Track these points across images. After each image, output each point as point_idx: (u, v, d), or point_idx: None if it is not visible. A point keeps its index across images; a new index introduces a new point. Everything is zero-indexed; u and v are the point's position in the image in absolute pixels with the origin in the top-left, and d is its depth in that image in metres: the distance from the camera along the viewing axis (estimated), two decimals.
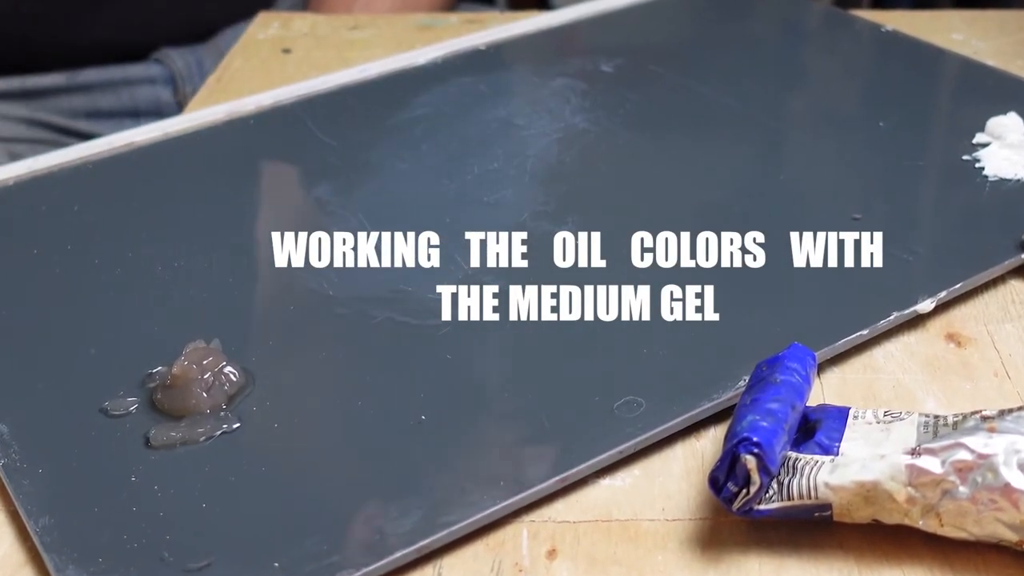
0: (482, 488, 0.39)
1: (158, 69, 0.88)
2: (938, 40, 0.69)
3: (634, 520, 0.39)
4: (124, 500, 0.39)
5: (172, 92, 0.88)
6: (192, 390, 0.42)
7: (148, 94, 0.88)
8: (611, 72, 0.67)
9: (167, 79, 0.88)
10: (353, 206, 0.55)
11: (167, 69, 0.88)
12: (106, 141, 0.61)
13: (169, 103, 0.88)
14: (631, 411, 0.42)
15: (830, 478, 0.37)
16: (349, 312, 0.48)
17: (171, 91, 0.88)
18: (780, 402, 0.38)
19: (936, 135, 0.60)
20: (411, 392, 0.43)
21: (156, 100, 0.88)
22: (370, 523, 0.38)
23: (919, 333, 0.47)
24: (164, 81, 0.88)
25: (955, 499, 0.36)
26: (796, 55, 0.70)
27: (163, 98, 0.88)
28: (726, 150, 0.59)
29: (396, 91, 0.66)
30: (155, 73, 0.88)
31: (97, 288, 0.50)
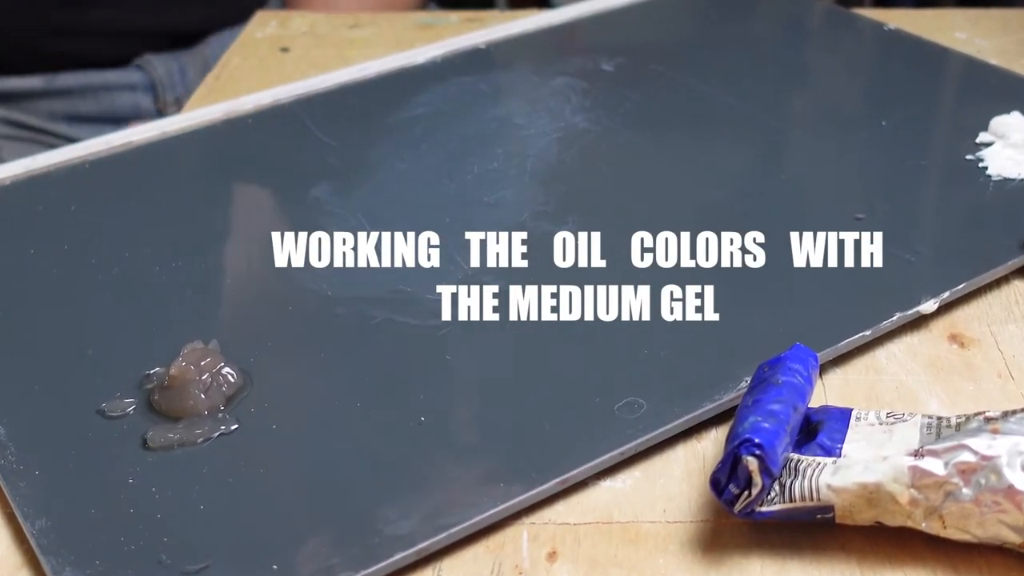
0: (482, 490, 0.39)
1: (138, 75, 0.87)
2: (941, 39, 0.69)
3: (635, 522, 0.39)
4: (121, 502, 0.39)
5: (152, 99, 0.88)
6: (190, 391, 0.43)
7: (128, 100, 0.87)
8: (612, 71, 0.67)
9: (147, 86, 0.87)
10: (352, 206, 0.55)
11: (147, 76, 0.87)
12: (104, 140, 0.62)
13: (149, 110, 0.88)
14: (632, 412, 0.42)
15: (832, 480, 0.37)
16: (348, 313, 0.48)
17: (151, 98, 0.88)
18: (782, 403, 0.38)
19: (939, 134, 0.60)
20: (410, 393, 0.44)
21: (136, 106, 0.88)
22: (369, 525, 0.38)
23: (922, 334, 0.47)
24: (144, 88, 0.87)
25: (958, 501, 0.36)
26: (798, 54, 0.70)
27: (143, 104, 0.88)
28: (727, 149, 0.59)
29: (395, 90, 0.66)
30: (135, 79, 0.87)
31: (94, 289, 0.50)
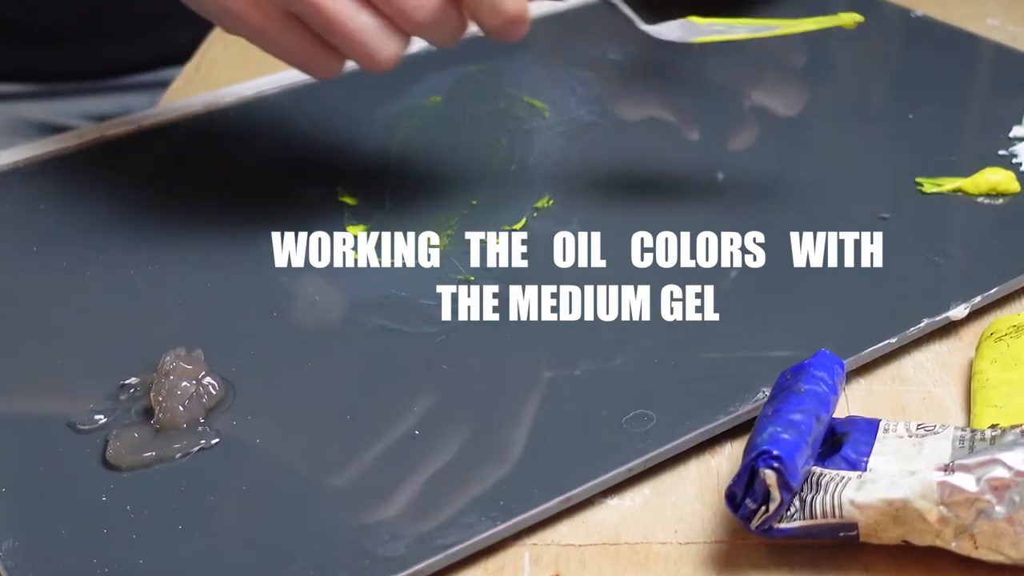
0: (480, 508, 0.39)
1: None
2: (972, 26, 0.69)
3: (644, 543, 0.39)
4: (94, 521, 0.39)
5: None
6: (169, 403, 0.42)
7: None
8: (620, 60, 0.67)
9: None
10: (342, 204, 0.55)
11: None
12: (75, 135, 0.62)
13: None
14: (641, 425, 0.42)
15: (856, 495, 0.37)
16: (338, 318, 0.48)
17: None
18: (804, 413, 0.38)
19: (970, 128, 0.60)
20: (403, 405, 0.44)
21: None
22: (359, 546, 0.38)
23: (952, 341, 0.47)
24: None
25: (991, 520, 0.36)
26: (819, 42, 0.70)
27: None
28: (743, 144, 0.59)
29: (389, 80, 0.66)
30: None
31: (65, 293, 0.50)
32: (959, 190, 0.53)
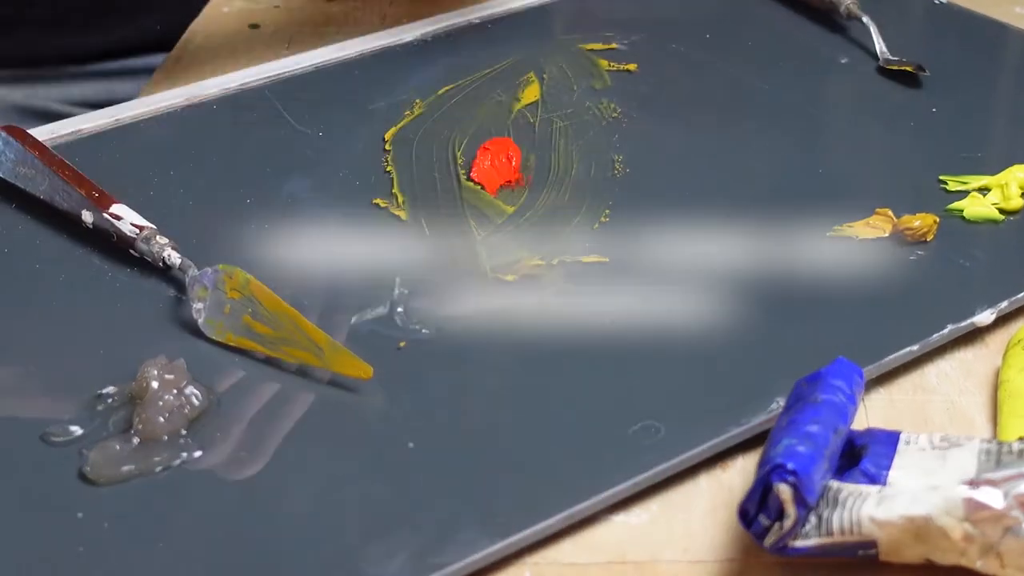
0: (478, 525, 0.39)
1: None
2: (999, 14, 0.69)
3: (652, 562, 0.39)
4: (69, 539, 0.39)
5: None
6: (148, 414, 0.42)
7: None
8: (626, 50, 0.67)
9: None
10: (331, 203, 0.55)
11: None
12: (48, 129, 0.62)
13: None
14: (648, 437, 0.42)
15: (876, 512, 0.37)
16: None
17: None
18: (820, 424, 0.38)
19: (997, 123, 0.60)
20: (397, 416, 0.44)
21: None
22: (351, 565, 0.38)
23: (977, 349, 0.47)
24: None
25: (1019, 537, 0.36)
26: (836, 31, 0.70)
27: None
28: (756, 140, 0.59)
29: (379, 72, 0.66)
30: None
31: (38, 297, 0.50)
32: (985, 188, 0.53)
